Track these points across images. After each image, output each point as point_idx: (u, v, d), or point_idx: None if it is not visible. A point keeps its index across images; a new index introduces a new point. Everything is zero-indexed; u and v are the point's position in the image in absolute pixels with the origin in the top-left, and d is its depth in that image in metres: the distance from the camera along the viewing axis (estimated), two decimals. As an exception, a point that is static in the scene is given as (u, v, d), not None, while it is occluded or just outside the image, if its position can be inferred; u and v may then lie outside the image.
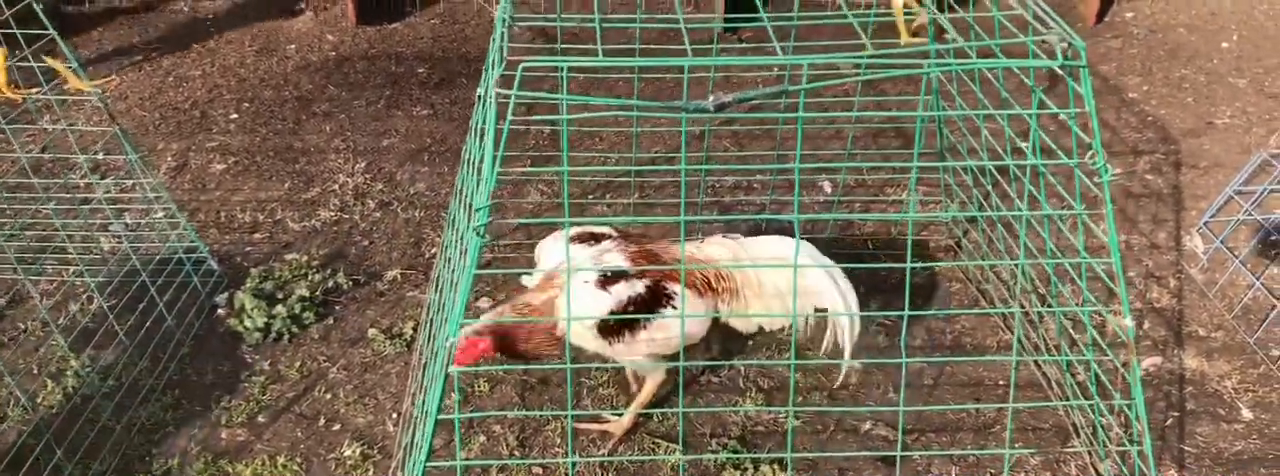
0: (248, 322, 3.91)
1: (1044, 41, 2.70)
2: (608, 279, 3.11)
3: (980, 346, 3.86)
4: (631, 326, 3.12)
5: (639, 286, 3.11)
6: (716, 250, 3.35)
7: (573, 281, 3.07)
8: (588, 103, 2.70)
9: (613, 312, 3.08)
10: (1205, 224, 4.48)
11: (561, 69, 2.51)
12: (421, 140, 5.33)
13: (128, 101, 5.69)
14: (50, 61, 3.94)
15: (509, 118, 2.45)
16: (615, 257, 3.19)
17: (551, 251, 3.32)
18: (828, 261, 3.34)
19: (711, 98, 2.47)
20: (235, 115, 5.57)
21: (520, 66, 2.43)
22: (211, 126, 5.46)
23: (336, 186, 4.90)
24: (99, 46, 6.33)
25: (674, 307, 3.12)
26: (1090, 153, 2.70)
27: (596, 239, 3.30)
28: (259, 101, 5.72)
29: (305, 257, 4.34)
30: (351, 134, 5.38)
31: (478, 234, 2.49)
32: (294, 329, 3.94)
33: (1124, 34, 6.44)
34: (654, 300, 3.12)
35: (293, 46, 6.36)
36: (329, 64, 6.15)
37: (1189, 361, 3.79)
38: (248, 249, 4.45)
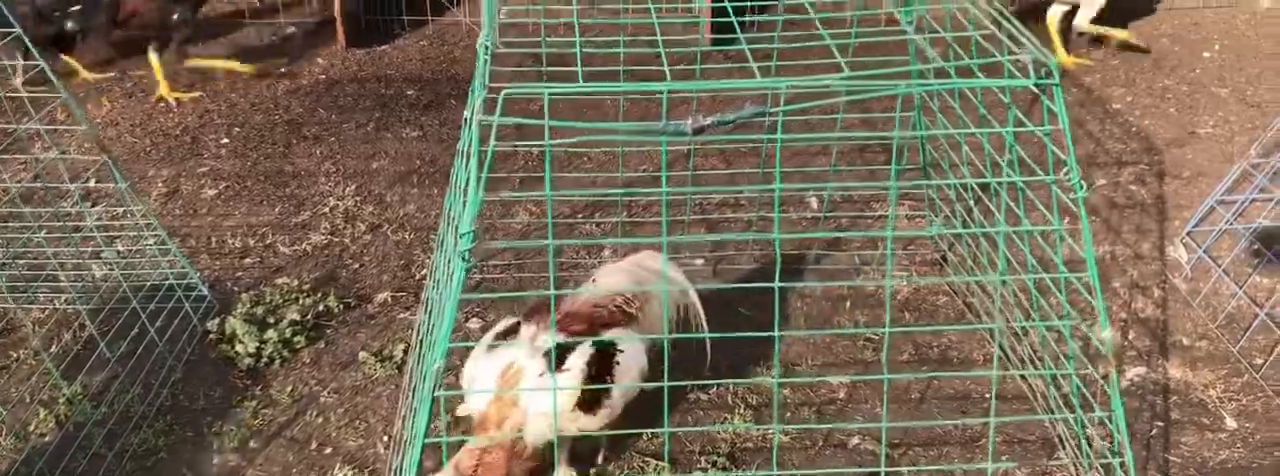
0: (239, 348, 3.93)
1: (1018, 60, 2.75)
2: (555, 359, 2.99)
3: (966, 360, 3.89)
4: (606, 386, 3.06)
5: (586, 348, 3.05)
6: (614, 279, 3.42)
7: (526, 379, 2.96)
8: (571, 127, 2.73)
9: (585, 381, 2.99)
10: (1188, 233, 4.53)
11: (545, 96, 2.54)
12: (411, 162, 5.36)
13: (118, 128, 5.73)
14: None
15: (492, 143, 2.49)
16: (546, 337, 3.06)
17: (482, 371, 3.12)
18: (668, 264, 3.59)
19: (690, 120, 2.51)
20: (226, 140, 5.61)
21: (502, 94, 2.47)
22: (202, 152, 5.49)
23: (327, 210, 4.93)
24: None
25: (620, 350, 3.10)
26: (1065, 169, 2.74)
27: (511, 333, 3.18)
28: (249, 126, 5.75)
29: (296, 282, 4.37)
30: (341, 157, 5.41)
31: (463, 259, 2.51)
32: (285, 353, 3.97)
33: (1107, 45, 6.50)
34: (604, 353, 3.08)
35: (282, 70, 6.40)
36: (318, 87, 6.19)
37: (1173, 371, 3.82)
38: (239, 274, 4.47)
